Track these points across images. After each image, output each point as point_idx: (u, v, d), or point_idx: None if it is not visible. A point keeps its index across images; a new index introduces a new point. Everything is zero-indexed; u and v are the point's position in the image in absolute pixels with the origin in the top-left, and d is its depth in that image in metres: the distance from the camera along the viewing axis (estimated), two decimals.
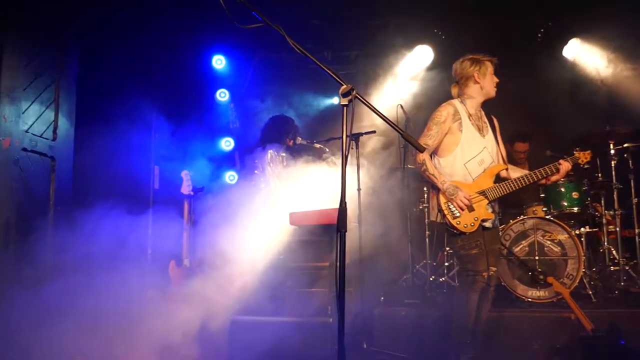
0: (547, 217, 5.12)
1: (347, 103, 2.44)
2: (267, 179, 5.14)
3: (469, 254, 3.69)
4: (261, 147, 5.29)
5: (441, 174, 3.75)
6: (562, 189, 5.28)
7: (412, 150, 5.20)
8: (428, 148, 3.76)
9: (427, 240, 6.03)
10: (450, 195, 3.66)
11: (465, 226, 3.65)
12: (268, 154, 5.20)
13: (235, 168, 6.89)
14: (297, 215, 4.55)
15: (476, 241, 3.68)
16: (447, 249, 5.89)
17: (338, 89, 2.45)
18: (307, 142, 5.43)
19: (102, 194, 4.70)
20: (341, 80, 2.47)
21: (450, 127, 3.77)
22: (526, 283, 4.88)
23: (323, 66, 2.50)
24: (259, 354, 3.82)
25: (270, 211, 4.78)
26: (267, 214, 4.73)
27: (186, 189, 4.88)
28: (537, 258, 4.94)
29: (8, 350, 3.74)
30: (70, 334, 3.82)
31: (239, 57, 7.29)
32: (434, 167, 3.78)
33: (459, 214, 3.66)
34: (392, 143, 6.20)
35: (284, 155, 5.34)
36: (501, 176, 3.91)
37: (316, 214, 4.46)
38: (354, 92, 2.44)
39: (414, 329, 4.43)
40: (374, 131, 5.09)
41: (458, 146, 3.77)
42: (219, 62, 7.16)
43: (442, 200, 3.71)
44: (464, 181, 3.75)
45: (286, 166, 5.27)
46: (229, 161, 6.97)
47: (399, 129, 2.68)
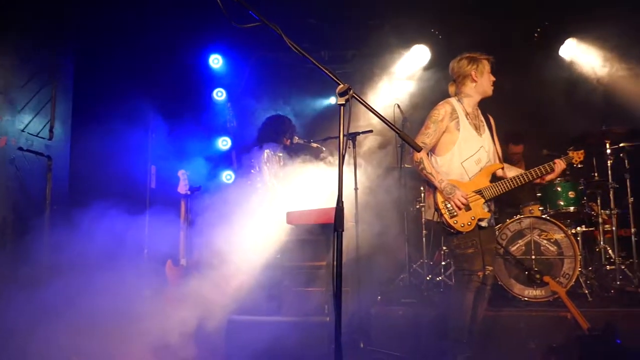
0: (543, 216, 5.13)
1: (344, 102, 2.45)
2: (263, 179, 5.13)
3: (465, 253, 3.68)
4: (258, 147, 5.28)
5: (438, 172, 3.73)
6: (559, 188, 5.29)
7: (409, 150, 5.20)
8: (425, 147, 3.74)
9: (424, 239, 6.03)
10: (448, 194, 3.65)
11: (462, 225, 3.65)
12: (265, 154, 5.20)
13: (232, 167, 6.90)
14: (294, 215, 4.55)
15: (472, 240, 3.67)
16: (444, 248, 5.90)
17: (335, 88, 2.45)
18: (304, 142, 5.44)
19: (98, 193, 4.69)
20: (338, 79, 2.47)
21: (448, 126, 3.75)
22: (523, 282, 4.89)
23: (320, 66, 2.50)
24: (256, 353, 3.83)
25: (267, 210, 4.78)
26: (264, 213, 4.73)
27: (183, 188, 4.87)
28: (533, 257, 4.95)
29: (4, 350, 3.73)
30: (66, 333, 3.81)
31: (236, 57, 7.28)
32: (431, 165, 3.76)
33: (456, 213, 3.65)
34: (389, 142, 6.20)
35: (281, 155, 5.34)
36: (497, 175, 3.90)
37: (313, 213, 4.47)
38: (350, 92, 2.44)
39: (410, 328, 4.44)
40: (371, 130, 5.09)
41: (455, 145, 3.76)
42: (216, 62, 7.16)
43: (439, 199, 3.69)
44: (460, 180, 3.73)
45: (283, 165, 5.27)
46: (225, 160, 6.97)
47: (396, 128, 2.68)
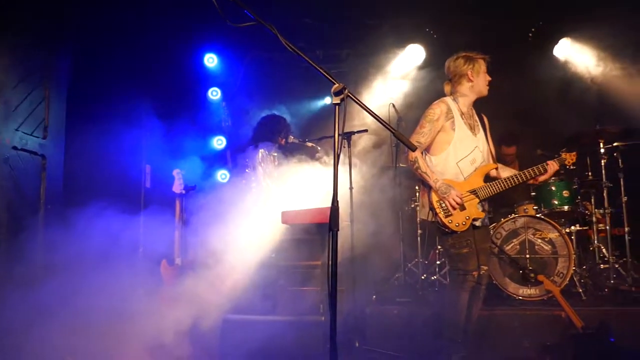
0: (537, 215, 5.15)
1: (339, 102, 2.45)
2: (257, 178, 5.13)
3: (460, 253, 3.68)
4: (253, 146, 5.28)
5: (433, 172, 3.72)
6: (553, 188, 5.31)
7: (403, 149, 5.20)
8: (420, 146, 3.72)
9: (419, 238, 6.05)
10: (443, 193, 3.64)
11: (457, 225, 3.64)
12: (259, 153, 5.20)
13: (227, 167, 6.89)
14: (289, 214, 4.55)
15: (467, 240, 3.66)
16: (439, 247, 5.92)
17: (330, 87, 2.46)
18: (299, 141, 5.44)
19: (93, 192, 4.68)
20: (333, 79, 2.47)
21: (443, 126, 3.74)
22: (517, 281, 4.90)
23: (315, 65, 2.50)
24: (251, 352, 3.83)
25: (261, 210, 4.78)
26: (258, 212, 4.72)
27: (178, 187, 4.86)
28: (528, 256, 4.96)
29: None
30: (60, 333, 3.80)
31: (231, 56, 7.27)
32: (426, 165, 3.74)
33: (450, 212, 3.65)
34: (384, 142, 6.21)
35: (276, 155, 5.34)
36: (491, 175, 3.90)
37: (308, 212, 4.47)
38: (346, 91, 2.44)
39: (405, 327, 4.44)
40: (366, 130, 5.09)
41: (450, 145, 3.75)
42: (210, 61, 7.14)
43: (434, 198, 3.68)
44: (455, 180, 3.73)
45: (278, 165, 5.27)
46: (220, 160, 6.96)
47: (391, 127, 2.68)
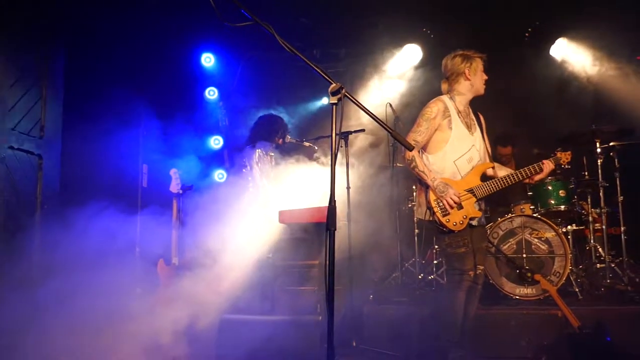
0: (534, 215, 5.15)
1: (336, 101, 2.45)
2: (254, 178, 5.13)
3: (456, 252, 3.67)
4: (250, 146, 5.28)
5: (430, 170, 3.69)
6: (549, 187, 5.31)
7: (401, 149, 5.21)
8: (417, 144, 3.70)
9: (416, 238, 6.05)
10: (441, 192, 3.61)
11: (455, 224, 3.62)
12: (256, 153, 5.20)
13: (224, 166, 6.89)
14: (287, 214, 4.55)
15: (464, 240, 3.66)
16: (436, 247, 5.92)
17: (327, 87, 2.46)
18: (296, 141, 5.44)
19: (89, 192, 4.68)
20: (330, 78, 2.47)
21: (440, 124, 3.72)
22: (514, 281, 4.90)
23: (312, 65, 2.50)
24: (248, 352, 3.83)
25: (259, 209, 4.78)
26: (256, 212, 4.72)
27: (175, 187, 4.86)
28: (524, 256, 4.97)
29: None
30: (57, 333, 3.80)
31: (228, 56, 7.27)
32: (424, 164, 3.71)
33: (448, 211, 3.62)
34: (381, 141, 6.21)
35: (273, 155, 5.33)
36: (487, 174, 3.88)
37: (305, 212, 4.48)
38: (343, 91, 2.44)
39: (403, 327, 4.44)
40: (363, 129, 5.10)
41: (447, 143, 3.73)
42: (207, 60, 7.14)
43: (432, 197, 3.65)
44: (452, 179, 3.71)
45: (275, 165, 5.26)
46: (218, 159, 6.96)
47: (388, 127, 2.69)
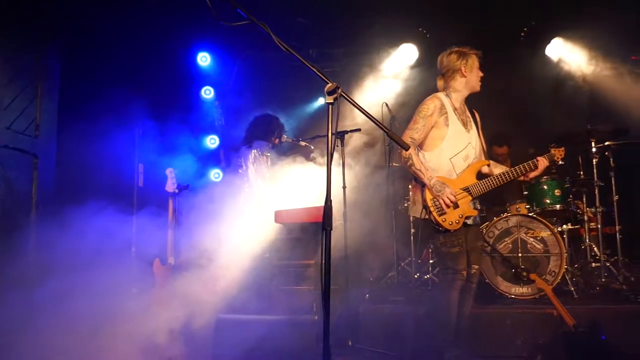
0: (530, 214, 5.16)
1: (332, 101, 2.45)
2: (249, 178, 5.12)
3: (450, 252, 3.66)
4: (247, 146, 5.27)
5: (427, 169, 3.67)
6: (545, 187, 5.32)
7: (397, 147, 5.22)
8: (414, 142, 3.68)
9: (412, 237, 6.06)
10: (437, 192, 3.59)
11: (451, 223, 3.61)
12: (251, 154, 5.19)
13: (220, 166, 6.89)
14: (283, 213, 4.55)
15: (458, 239, 3.65)
16: (432, 246, 5.92)
17: (323, 87, 2.45)
18: (292, 140, 5.43)
19: (85, 191, 4.66)
20: (326, 78, 2.47)
21: (437, 121, 3.70)
22: (509, 280, 4.91)
23: (308, 64, 2.50)
24: (244, 352, 3.82)
25: (255, 209, 4.77)
26: (252, 212, 4.72)
27: (171, 186, 4.84)
28: (520, 255, 4.98)
29: None
30: (52, 332, 3.78)
31: (224, 55, 7.26)
32: (420, 162, 3.69)
33: (444, 211, 3.60)
34: (377, 141, 6.21)
35: (269, 155, 5.33)
36: (483, 172, 3.88)
37: (301, 212, 4.47)
38: (339, 90, 2.44)
39: (399, 326, 4.44)
40: (359, 129, 5.09)
41: (444, 141, 3.71)
42: (203, 60, 7.13)
43: (428, 196, 3.63)
44: (448, 177, 3.69)
45: (271, 165, 5.26)
46: (214, 159, 6.95)
47: (384, 127, 2.69)
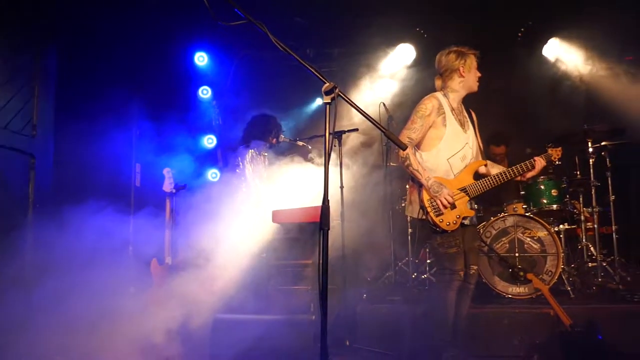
0: (527, 214, 5.17)
1: (329, 101, 2.45)
2: (246, 178, 5.12)
3: (447, 252, 3.64)
4: (244, 145, 5.27)
5: (424, 169, 3.66)
6: (542, 187, 5.34)
7: (394, 147, 5.23)
8: (411, 142, 3.66)
9: (409, 237, 6.06)
10: (435, 192, 3.58)
11: (448, 224, 3.60)
12: (249, 153, 5.19)
13: (217, 166, 6.87)
14: (280, 213, 4.55)
15: (455, 240, 3.63)
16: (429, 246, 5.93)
17: (321, 86, 2.45)
18: (290, 140, 5.43)
19: (82, 191, 4.65)
20: (324, 78, 2.47)
21: (435, 121, 3.69)
22: (506, 280, 4.92)
23: (306, 64, 2.49)
24: (241, 352, 3.82)
25: (252, 209, 4.77)
26: (249, 211, 4.72)
27: (168, 186, 4.84)
28: (517, 255, 4.99)
29: None
30: (50, 333, 3.78)
31: (221, 55, 7.25)
32: (418, 162, 3.67)
33: (442, 211, 3.59)
34: (375, 141, 6.21)
35: (266, 155, 5.32)
36: (480, 172, 3.88)
37: (299, 211, 4.47)
38: (336, 90, 2.44)
39: (396, 326, 4.44)
40: (356, 129, 5.09)
41: (442, 141, 3.70)
42: (201, 59, 7.11)
43: (425, 197, 3.62)
44: (446, 177, 3.68)
45: (268, 165, 5.25)
46: (211, 159, 6.94)
47: (382, 127, 2.69)
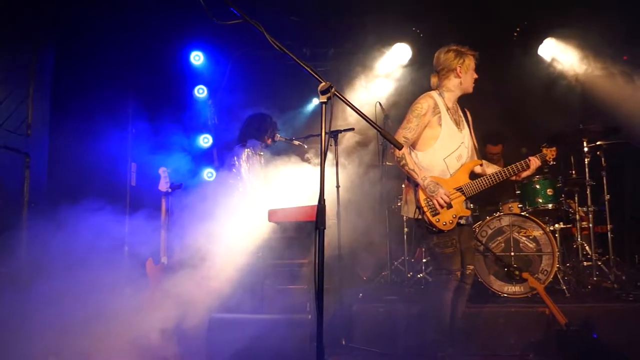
0: (522, 213, 5.18)
1: (325, 100, 2.45)
2: (242, 177, 5.12)
3: (444, 252, 3.63)
4: (240, 145, 5.27)
5: (420, 169, 3.64)
6: (537, 186, 5.35)
7: (390, 147, 5.23)
8: (407, 141, 3.65)
9: (405, 236, 6.07)
10: (431, 192, 3.56)
11: (444, 224, 3.58)
12: (245, 153, 5.18)
13: (213, 165, 6.87)
14: (276, 212, 4.55)
15: (452, 240, 3.62)
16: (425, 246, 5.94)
17: (317, 86, 2.45)
18: (286, 140, 5.42)
19: (77, 191, 4.64)
20: (320, 77, 2.47)
21: (430, 121, 3.67)
22: (502, 279, 4.93)
23: (302, 63, 2.49)
24: (237, 351, 3.82)
25: (248, 208, 4.77)
26: (245, 211, 4.71)
27: (164, 186, 4.83)
28: (512, 254, 5.00)
29: None
30: (45, 332, 3.76)
31: (217, 54, 7.25)
32: (414, 162, 3.66)
33: (438, 211, 3.58)
34: (371, 140, 6.22)
35: (262, 154, 5.32)
36: (475, 172, 3.86)
37: (295, 210, 4.47)
38: (332, 90, 2.44)
39: (392, 325, 4.45)
40: (352, 128, 5.09)
41: (437, 140, 3.68)
42: (197, 59, 7.11)
43: (422, 196, 3.60)
44: (442, 176, 3.67)
45: (264, 164, 5.25)
46: (207, 158, 6.94)
47: (378, 126, 2.69)
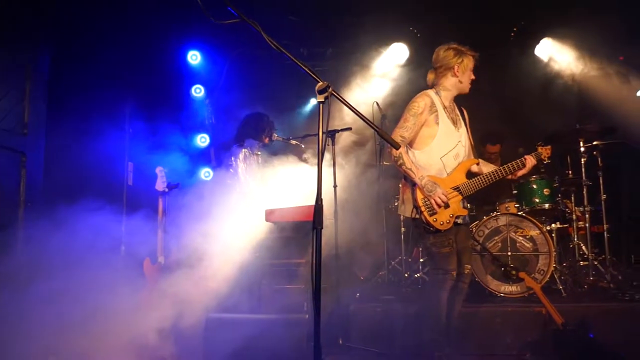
0: (519, 213, 5.19)
1: (323, 100, 2.45)
2: (239, 177, 5.11)
3: (441, 252, 3.62)
4: (237, 144, 5.26)
5: (418, 168, 3.63)
6: (534, 186, 5.36)
7: (387, 146, 5.23)
8: (404, 140, 3.63)
9: (403, 236, 6.07)
10: (429, 191, 3.55)
11: (442, 224, 3.57)
12: (242, 152, 5.18)
13: (210, 164, 6.86)
14: (273, 212, 4.55)
15: (448, 239, 3.62)
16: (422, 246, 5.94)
17: (314, 85, 2.45)
18: (283, 139, 5.42)
19: (74, 190, 4.63)
20: (317, 77, 2.46)
21: (427, 119, 3.66)
22: (499, 278, 4.94)
23: (299, 63, 2.49)
24: (235, 351, 3.81)
25: (245, 208, 4.76)
26: (242, 210, 4.71)
27: (161, 185, 4.82)
28: (509, 254, 5.01)
29: None
30: (42, 332, 3.76)
31: (214, 53, 7.24)
32: (411, 161, 3.65)
33: (435, 211, 3.56)
34: (368, 140, 6.22)
35: (260, 154, 5.32)
36: (472, 171, 3.86)
37: (292, 210, 4.47)
38: (330, 89, 2.44)
39: (389, 325, 4.46)
40: (350, 128, 5.09)
41: (434, 139, 3.67)
42: (194, 58, 7.10)
43: (419, 196, 3.59)
44: (439, 176, 3.66)
45: (262, 164, 5.25)
46: (204, 157, 6.93)
47: (375, 126, 2.69)
